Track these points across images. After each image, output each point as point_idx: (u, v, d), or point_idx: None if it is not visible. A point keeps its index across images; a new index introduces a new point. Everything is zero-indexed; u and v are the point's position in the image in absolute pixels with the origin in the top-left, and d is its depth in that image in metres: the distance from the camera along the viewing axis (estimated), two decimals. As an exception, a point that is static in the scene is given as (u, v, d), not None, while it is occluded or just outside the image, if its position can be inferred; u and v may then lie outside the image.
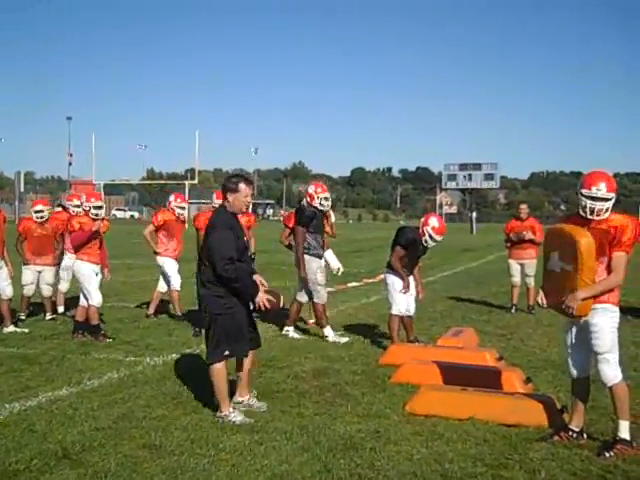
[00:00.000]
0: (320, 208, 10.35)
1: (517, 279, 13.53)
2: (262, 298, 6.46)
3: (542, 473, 5.26)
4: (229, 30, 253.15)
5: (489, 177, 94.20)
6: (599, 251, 5.63)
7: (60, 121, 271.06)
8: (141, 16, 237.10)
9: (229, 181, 6.50)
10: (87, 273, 10.06)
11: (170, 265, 11.62)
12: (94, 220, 10.20)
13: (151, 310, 12.01)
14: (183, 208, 11.83)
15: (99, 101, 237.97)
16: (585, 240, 5.58)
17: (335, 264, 11.34)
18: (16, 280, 11.02)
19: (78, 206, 11.53)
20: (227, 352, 6.44)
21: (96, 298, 10.05)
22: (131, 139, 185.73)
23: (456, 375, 7.39)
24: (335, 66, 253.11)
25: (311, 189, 10.42)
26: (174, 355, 9.00)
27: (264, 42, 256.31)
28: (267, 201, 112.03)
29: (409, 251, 9.42)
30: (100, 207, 10.36)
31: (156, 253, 11.69)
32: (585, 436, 5.98)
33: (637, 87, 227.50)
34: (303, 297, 10.53)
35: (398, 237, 9.47)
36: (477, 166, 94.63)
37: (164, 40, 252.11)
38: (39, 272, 11.59)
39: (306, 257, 10.21)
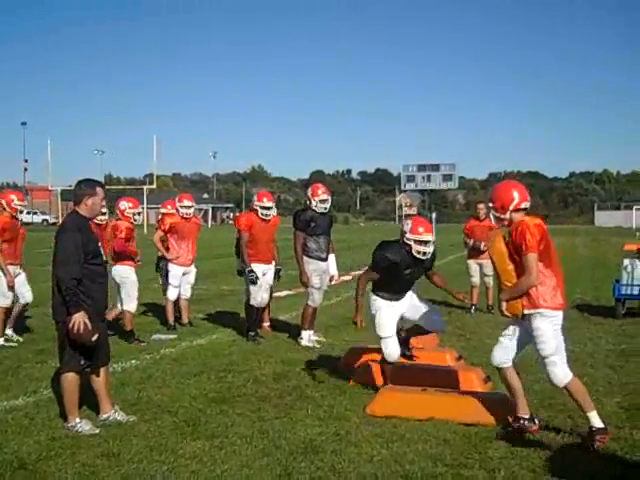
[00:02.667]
0: (318, 211, 10.16)
1: (476, 279, 13.62)
2: (78, 318, 6.01)
3: (502, 471, 5.29)
4: (183, 34, 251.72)
5: (447, 178, 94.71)
6: (512, 256, 5.96)
7: (14, 127, 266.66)
8: (95, 18, 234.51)
9: (85, 185, 6.42)
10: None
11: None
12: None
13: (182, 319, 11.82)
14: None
15: (55, 106, 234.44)
16: (495, 246, 6.09)
17: (332, 271, 10.68)
18: None
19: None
20: (83, 362, 6.27)
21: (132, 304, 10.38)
22: (88, 144, 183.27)
23: (416, 376, 7.40)
24: (292, 70, 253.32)
25: (309, 192, 10.30)
26: (133, 361, 8.90)
27: (219, 46, 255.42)
28: (226, 205, 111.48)
29: (390, 272, 7.42)
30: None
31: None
32: (537, 421, 6.10)
33: (591, 86, 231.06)
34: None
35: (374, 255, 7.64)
36: (435, 167, 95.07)
37: (119, 45, 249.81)
38: None
39: (304, 259, 10.09)
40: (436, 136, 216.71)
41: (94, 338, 6.10)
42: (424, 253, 7.28)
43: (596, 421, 5.83)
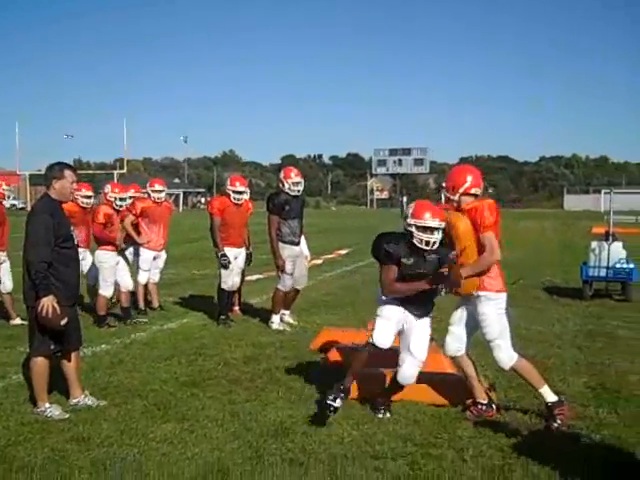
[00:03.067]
0: (291, 194, 10.09)
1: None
2: (46, 302, 5.96)
3: (470, 450, 5.36)
4: (153, 19, 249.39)
5: (419, 162, 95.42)
6: (474, 234, 5.99)
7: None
8: (64, 2, 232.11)
9: (53, 168, 6.39)
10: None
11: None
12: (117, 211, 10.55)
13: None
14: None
15: (23, 90, 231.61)
16: (460, 223, 6.03)
17: (304, 252, 10.59)
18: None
19: None
20: (53, 347, 6.24)
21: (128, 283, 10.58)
22: (58, 129, 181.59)
23: (387, 357, 7.42)
24: (262, 55, 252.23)
25: (282, 174, 10.24)
26: (103, 346, 8.86)
27: (188, 27, 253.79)
28: (198, 190, 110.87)
29: (404, 267, 6.19)
30: (124, 199, 10.65)
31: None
32: (494, 406, 6.17)
33: (561, 71, 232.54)
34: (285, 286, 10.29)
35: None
36: (407, 151, 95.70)
37: (89, 29, 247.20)
38: None
39: (279, 244, 10.02)
40: (408, 120, 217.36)
41: (63, 322, 6.06)
42: (427, 242, 6.03)
43: (549, 396, 5.94)
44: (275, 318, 10.21)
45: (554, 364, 7.83)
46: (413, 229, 6.07)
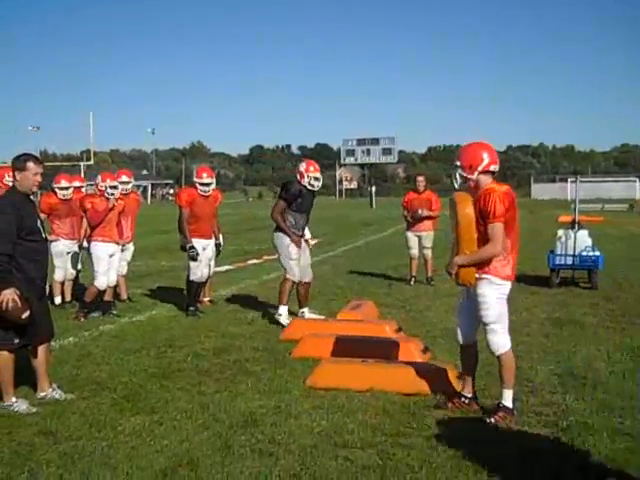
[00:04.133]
0: (309, 188, 9.82)
1: (415, 251, 13.73)
2: (6, 295, 5.84)
3: (439, 439, 5.38)
4: (119, 8, 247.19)
5: (387, 152, 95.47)
6: (478, 222, 5.76)
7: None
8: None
9: (17, 160, 6.31)
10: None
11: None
12: (107, 199, 10.22)
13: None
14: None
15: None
16: (465, 211, 5.75)
17: (306, 235, 10.26)
18: None
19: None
20: (17, 341, 6.16)
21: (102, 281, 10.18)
22: (23, 120, 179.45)
23: (356, 347, 7.46)
24: (229, 45, 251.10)
25: (302, 167, 9.89)
26: (71, 339, 8.79)
27: (154, 18, 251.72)
28: (166, 181, 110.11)
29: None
30: (115, 187, 10.35)
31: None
32: (477, 402, 6.16)
33: (528, 60, 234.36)
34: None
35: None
36: (375, 141, 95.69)
37: (54, 19, 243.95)
38: None
39: (280, 233, 9.75)
40: (376, 111, 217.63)
41: (24, 315, 5.95)
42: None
43: (508, 400, 5.83)
44: (282, 310, 9.71)
45: (522, 351, 7.89)
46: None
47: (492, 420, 5.74)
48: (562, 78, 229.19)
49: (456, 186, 5.99)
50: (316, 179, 9.87)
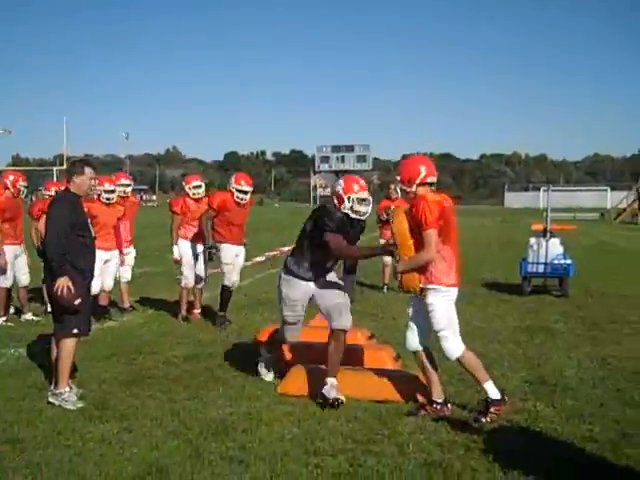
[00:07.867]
0: (352, 216, 6.65)
1: (388, 258, 13.69)
2: (61, 281, 6.26)
3: (410, 446, 5.38)
4: (90, 14, 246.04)
5: (361, 159, 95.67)
6: (414, 230, 6.00)
7: None
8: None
9: (74, 165, 6.76)
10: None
11: None
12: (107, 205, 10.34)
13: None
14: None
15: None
16: (397, 220, 6.09)
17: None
18: None
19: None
20: (76, 330, 6.45)
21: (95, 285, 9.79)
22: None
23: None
24: (206, 51, 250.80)
25: (338, 187, 6.66)
26: (40, 345, 8.68)
27: (129, 21, 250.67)
28: (140, 187, 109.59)
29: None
30: (112, 191, 10.36)
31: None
32: (449, 406, 6.19)
33: (502, 69, 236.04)
34: None
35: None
36: (349, 148, 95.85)
37: (27, 24, 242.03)
38: None
39: (286, 277, 7.36)
40: (351, 118, 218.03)
41: (77, 302, 6.31)
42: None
43: (492, 392, 5.94)
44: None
45: (493, 359, 7.92)
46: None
47: (488, 419, 5.83)
48: (535, 88, 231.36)
49: (398, 197, 6.31)
50: (361, 201, 6.64)
